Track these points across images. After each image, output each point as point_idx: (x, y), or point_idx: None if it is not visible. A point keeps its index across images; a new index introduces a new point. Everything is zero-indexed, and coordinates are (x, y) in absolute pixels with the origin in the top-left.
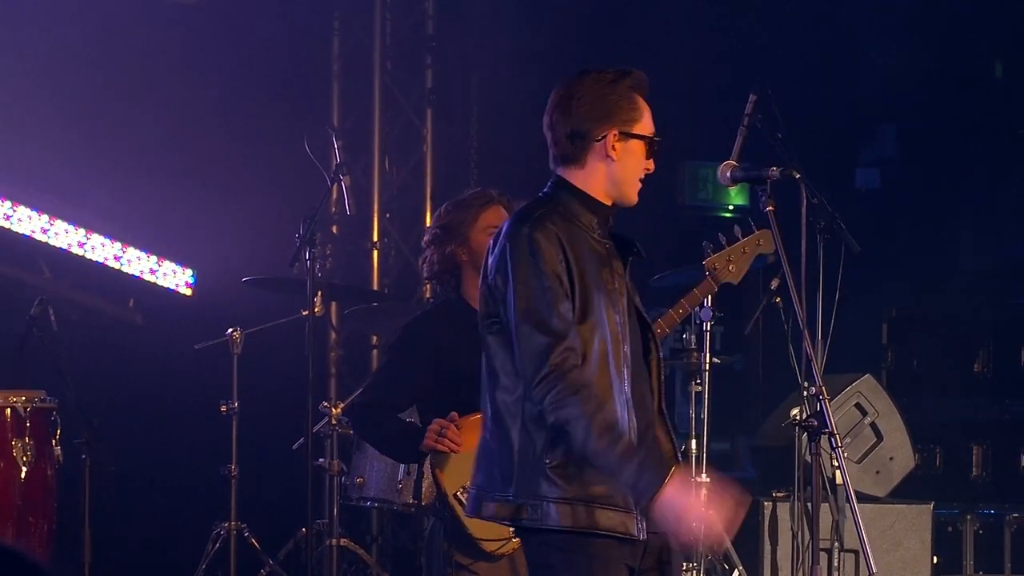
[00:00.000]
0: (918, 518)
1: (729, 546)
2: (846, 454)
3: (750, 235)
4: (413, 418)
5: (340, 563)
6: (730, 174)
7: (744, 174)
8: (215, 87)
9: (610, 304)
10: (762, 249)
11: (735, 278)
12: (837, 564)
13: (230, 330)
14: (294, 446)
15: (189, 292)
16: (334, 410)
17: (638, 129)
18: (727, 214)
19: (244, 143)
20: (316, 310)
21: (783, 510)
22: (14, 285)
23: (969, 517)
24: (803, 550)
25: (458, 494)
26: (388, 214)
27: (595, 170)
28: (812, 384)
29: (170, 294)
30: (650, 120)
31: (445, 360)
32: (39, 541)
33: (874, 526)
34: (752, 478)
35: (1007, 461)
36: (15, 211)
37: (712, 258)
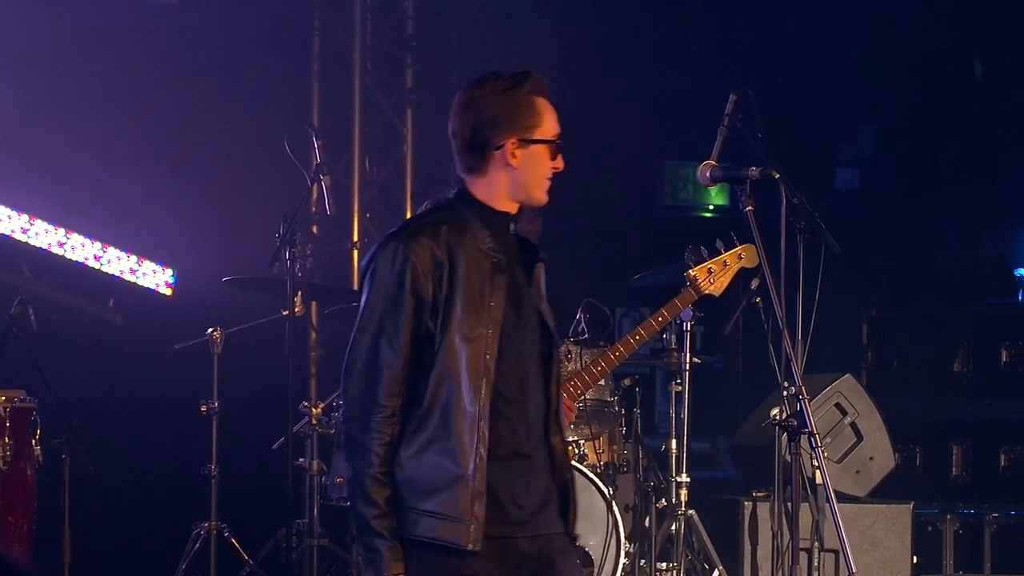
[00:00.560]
0: (898, 518)
1: (709, 546)
2: (826, 454)
3: (733, 249)
4: None
5: (320, 563)
6: (710, 174)
7: (724, 174)
8: (195, 87)
9: (478, 320)
10: (745, 263)
11: (716, 290)
12: (817, 564)
13: (210, 330)
14: (274, 446)
15: (169, 292)
16: (314, 410)
17: (539, 134)
18: (707, 214)
19: (224, 143)
20: (296, 310)
21: (763, 510)
22: None
23: (949, 517)
24: (783, 550)
25: None
26: (368, 214)
27: (497, 178)
28: (792, 384)
29: (150, 294)
30: (552, 122)
31: None
32: (19, 541)
33: (854, 526)
34: (733, 478)
35: (987, 461)
36: None
37: (694, 269)
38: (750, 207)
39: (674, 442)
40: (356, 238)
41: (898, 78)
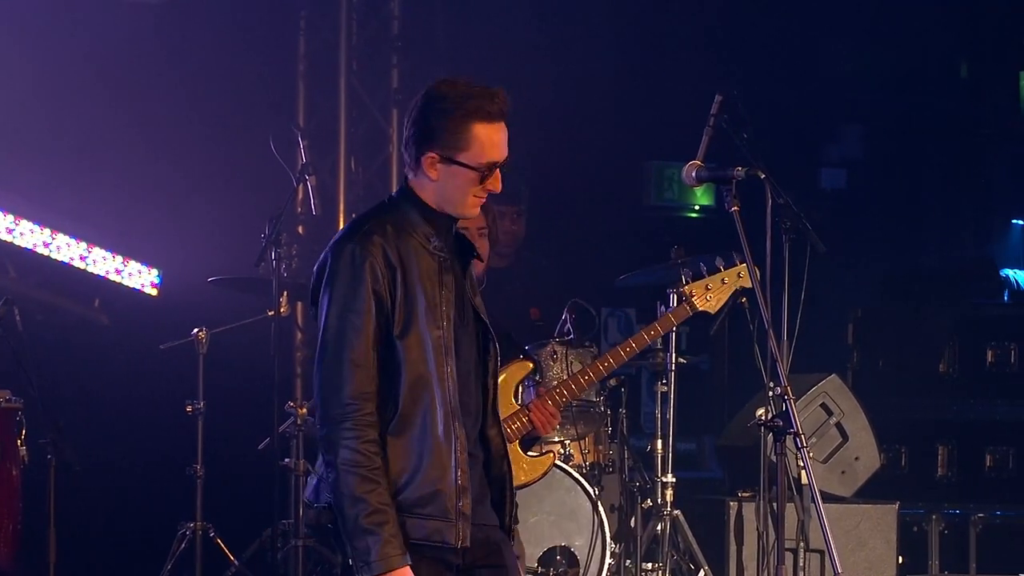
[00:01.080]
0: (883, 518)
1: (695, 546)
2: (812, 454)
3: (732, 267)
4: None
5: (305, 563)
6: (695, 174)
7: (709, 174)
8: (181, 87)
9: (432, 319)
10: (743, 282)
11: (712, 308)
12: (803, 564)
13: (196, 330)
14: (260, 446)
15: (155, 292)
16: (300, 410)
17: (463, 158)
18: (693, 214)
19: (210, 143)
20: (282, 310)
21: (749, 510)
22: None
23: (934, 517)
24: (768, 550)
25: None
26: (354, 214)
27: (424, 184)
28: (778, 384)
29: (136, 294)
30: (485, 148)
31: None
32: (4, 541)
33: (839, 526)
34: (718, 478)
35: (972, 461)
36: None
37: (690, 285)
38: (736, 207)
39: (660, 442)
40: None
41: (884, 79)
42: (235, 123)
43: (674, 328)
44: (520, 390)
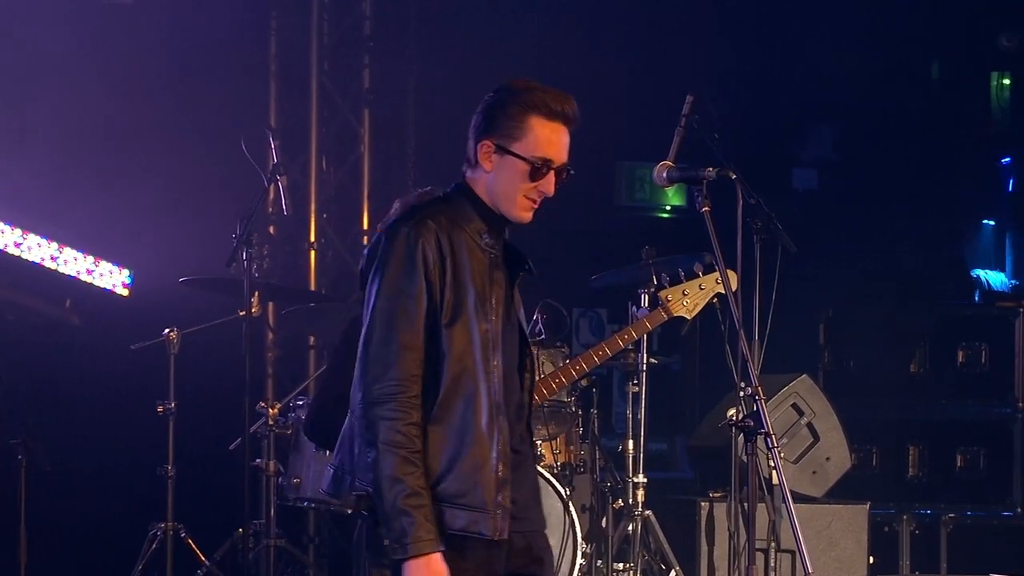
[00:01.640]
0: (854, 518)
1: (666, 546)
2: (783, 454)
3: (710, 273)
4: None
5: (277, 564)
6: (666, 174)
7: (680, 174)
8: (152, 87)
9: (482, 312)
10: (721, 288)
11: (688, 313)
12: (774, 564)
13: (167, 330)
14: (231, 447)
15: (126, 292)
16: (271, 411)
17: (516, 148)
18: (664, 215)
19: (181, 143)
20: (253, 310)
21: (720, 510)
22: None
23: (905, 517)
24: (740, 550)
25: None
26: (325, 214)
27: (480, 177)
28: (748, 384)
29: (107, 294)
30: (539, 142)
31: None
32: None
33: (810, 526)
34: (690, 478)
35: (943, 462)
36: None
37: (667, 290)
38: (706, 208)
39: (631, 443)
40: (313, 238)
41: (855, 79)
42: (206, 123)
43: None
44: None
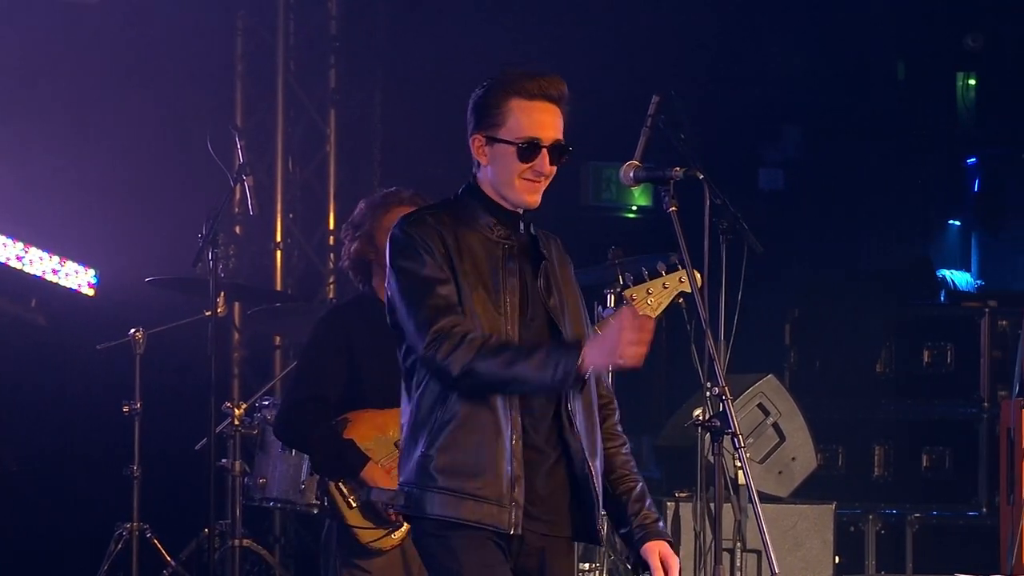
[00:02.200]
0: (820, 518)
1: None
2: (748, 454)
3: (674, 272)
4: None
5: (243, 564)
6: (633, 174)
7: (647, 174)
8: (118, 87)
9: (493, 304)
10: (684, 287)
11: (653, 311)
12: (739, 564)
13: (133, 330)
14: (197, 447)
15: (92, 292)
16: (237, 411)
17: (502, 134)
18: (631, 215)
19: (147, 143)
20: (219, 310)
21: (686, 510)
22: None
23: (871, 517)
24: (705, 550)
25: (340, 484)
26: (291, 214)
27: (482, 175)
28: (715, 384)
29: (73, 294)
30: (523, 124)
31: (357, 353)
32: None
33: (776, 526)
34: (655, 478)
35: (909, 461)
36: None
37: (631, 289)
38: (673, 208)
39: None
40: (279, 238)
41: (822, 79)
42: (172, 123)
43: None
44: None
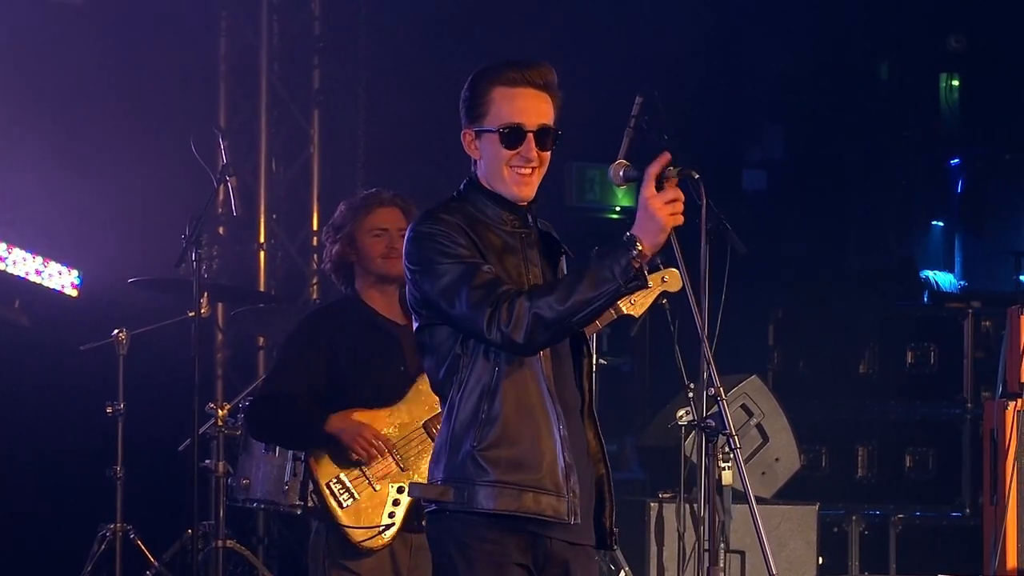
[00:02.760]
0: (804, 519)
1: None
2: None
3: (656, 271)
4: None
5: (226, 564)
6: (623, 173)
7: (638, 174)
8: (101, 87)
9: None
10: (667, 287)
11: (636, 311)
12: (723, 565)
13: (116, 331)
14: (180, 447)
15: (75, 293)
16: (220, 411)
17: (486, 124)
18: (614, 215)
19: (131, 143)
20: (202, 311)
21: (669, 511)
22: None
23: (854, 518)
24: (689, 551)
25: (331, 483)
26: (275, 215)
27: (478, 170)
28: (707, 386)
29: (56, 295)
30: (504, 112)
31: (341, 355)
32: None
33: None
34: (639, 479)
35: (892, 462)
36: None
37: None
38: None
39: None
40: (262, 239)
41: (805, 80)
42: (156, 124)
43: (598, 331)
44: None
